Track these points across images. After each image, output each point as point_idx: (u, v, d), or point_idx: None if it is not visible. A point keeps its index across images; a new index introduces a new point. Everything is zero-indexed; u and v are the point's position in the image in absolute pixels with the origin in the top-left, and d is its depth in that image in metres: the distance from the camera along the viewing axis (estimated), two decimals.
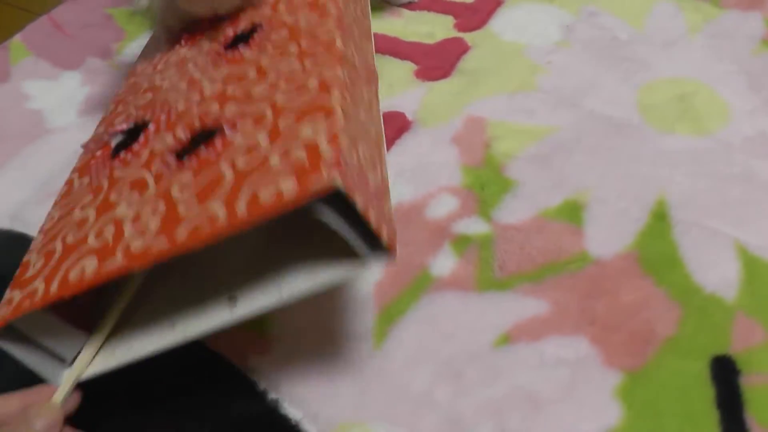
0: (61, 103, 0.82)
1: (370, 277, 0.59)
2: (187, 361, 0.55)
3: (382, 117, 0.53)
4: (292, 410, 0.52)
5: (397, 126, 0.73)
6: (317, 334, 0.56)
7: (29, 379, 0.46)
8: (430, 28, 0.87)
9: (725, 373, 0.52)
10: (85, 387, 0.47)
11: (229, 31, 0.60)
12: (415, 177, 0.67)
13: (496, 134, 0.71)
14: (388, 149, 0.70)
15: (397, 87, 0.78)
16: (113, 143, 0.54)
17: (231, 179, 0.40)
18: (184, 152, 0.47)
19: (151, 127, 0.52)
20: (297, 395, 0.53)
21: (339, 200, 0.36)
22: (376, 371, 0.53)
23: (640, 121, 0.72)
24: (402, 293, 0.58)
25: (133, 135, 0.54)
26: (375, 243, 0.39)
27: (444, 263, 0.60)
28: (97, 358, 0.48)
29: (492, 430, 0.50)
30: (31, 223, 0.68)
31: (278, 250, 0.43)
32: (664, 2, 0.90)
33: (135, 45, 0.89)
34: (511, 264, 0.59)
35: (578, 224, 0.62)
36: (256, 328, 0.56)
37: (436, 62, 0.81)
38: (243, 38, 0.56)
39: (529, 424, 0.50)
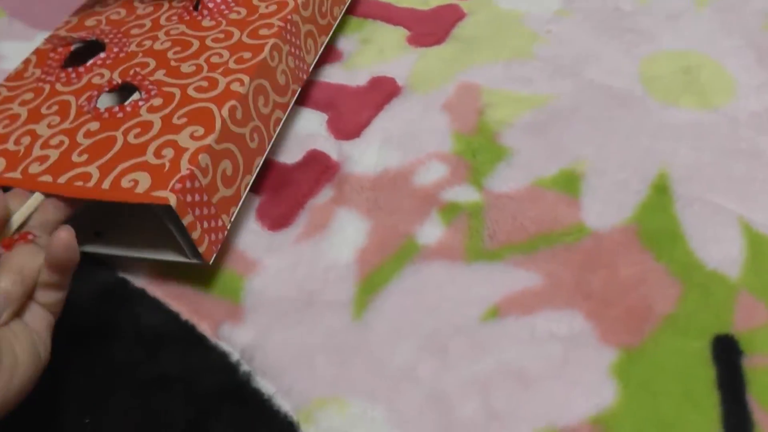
0: None
1: (352, 243, 0.56)
2: (156, 329, 0.52)
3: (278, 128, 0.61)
4: (264, 384, 0.49)
5: (387, 91, 0.69)
6: (294, 303, 0.52)
7: None
8: None
9: (727, 354, 0.49)
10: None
11: None
12: (403, 143, 0.64)
13: (490, 101, 0.67)
14: (375, 114, 0.67)
15: (389, 52, 0.74)
16: (72, 47, 0.64)
17: (117, 149, 0.50)
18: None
19: (102, 55, 0.61)
20: (271, 368, 0.49)
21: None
22: (355, 343, 0.50)
23: (642, 92, 0.68)
24: (386, 261, 0.54)
25: (90, 49, 0.63)
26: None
27: (431, 232, 0.56)
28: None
29: (477, 407, 0.47)
30: None
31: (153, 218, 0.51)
32: None
33: None
34: (502, 234, 0.56)
35: (575, 195, 0.59)
36: (230, 296, 0.53)
37: (429, 29, 0.78)
38: (209, 2, 0.65)
39: (517, 402, 0.47)
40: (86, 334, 0.52)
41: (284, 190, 0.60)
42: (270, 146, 0.58)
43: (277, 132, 0.59)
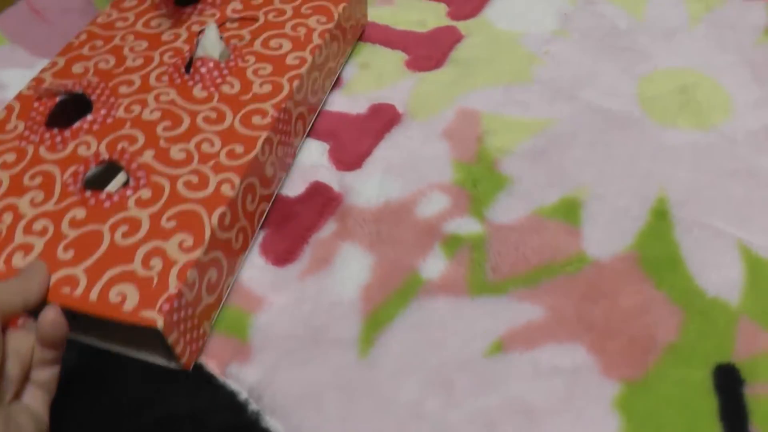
0: None
1: (356, 279, 0.56)
2: (164, 369, 0.52)
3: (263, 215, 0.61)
4: (273, 423, 0.49)
5: (387, 118, 0.69)
6: (301, 341, 0.53)
7: None
8: (421, 15, 0.84)
9: (729, 383, 0.50)
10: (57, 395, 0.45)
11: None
12: (404, 173, 0.64)
13: (489, 128, 0.68)
14: (376, 143, 0.67)
15: (387, 78, 0.75)
16: (58, 99, 0.62)
17: (105, 249, 0.50)
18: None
19: (89, 117, 0.60)
20: (279, 407, 0.50)
21: None
22: (363, 381, 0.50)
23: (640, 114, 0.69)
24: (390, 297, 0.55)
25: (76, 103, 0.62)
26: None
27: (434, 266, 0.57)
28: None
29: None
30: None
31: None
32: None
33: None
34: (505, 266, 0.57)
35: (575, 223, 0.59)
36: (236, 333, 0.54)
37: (427, 51, 0.78)
38: (201, 67, 0.63)
39: None
40: (93, 373, 0.53)
41: (288, 224, 0.60)
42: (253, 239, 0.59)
43: (260, 224, 0.59)
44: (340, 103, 0.72)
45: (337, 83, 0.74)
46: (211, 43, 0.64)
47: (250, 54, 0.65)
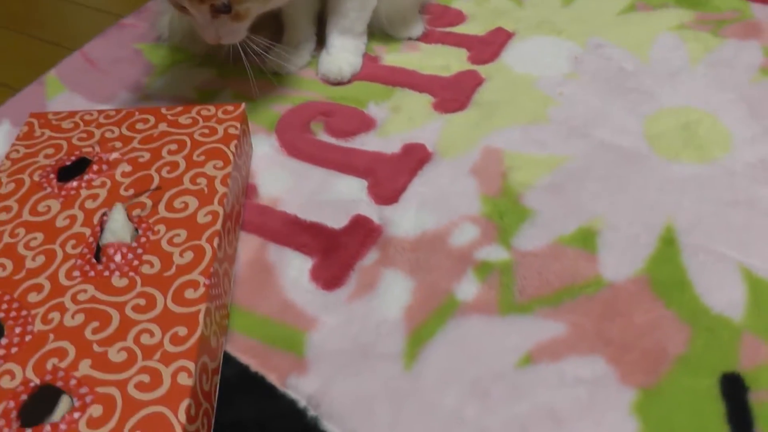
0: None
1: (399, 301, 0.63)
2: (230, 380, 0.59)
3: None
4: (331, 427, 0.56)
5: (419, 157, 0.77)
6: (351, 356, 0.59)
7: None
8: (445, 61, 0.92)
9: (734, 390, 0.56)
10: None
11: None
12: (438, 207, 0.71)
13: (512, 165, 0.75)
14: (410, 180, 0.74)
15: (417, 119, 0.82)
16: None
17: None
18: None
19: (3, 341, 0.53)
20: (335, 413, 0.56)
21: None
22: (408, 390, 0.57)
23: (647, 150, 0.76)
24: (430, 317, 0.62)
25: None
26: None
27: (468, 288, 0.64)
28: None
29: None
30: None
31: None
32: (666, 33, 0.95)
33: (163, 79, 0.93)
34: (531, 289, 0.63)
35: (592, 250, 0.66)
36: (293, 349, 0.60)
37: (452, 94, 0.86)
38: (114, 254, 0.59)
39: None
40: None
41: (334, 253, 0.67)
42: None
43: (216, 399, 0.56)
44: (375, 143, 0.79)
45: (371, 125, 0.82)
46: (120, 226, 0.60)
47: (157, 222, 0.61)
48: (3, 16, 1.14)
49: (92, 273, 0.57)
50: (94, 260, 0.58)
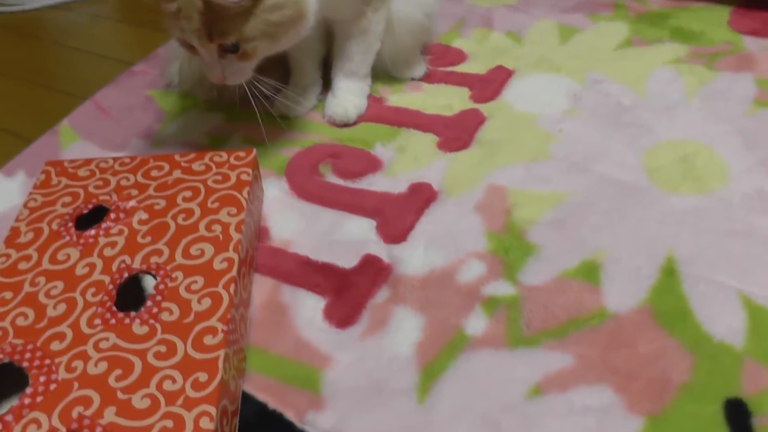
0: None
1: (410, 338, 0.65)
2: (248, 419, 0.61)
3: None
4: None
5: (425, 196, 0.79)
6: (366, 392, 0.61)
7: None
8: (447, 100, 0.95)
9: (738, 415, 0.58)
10: None
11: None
12: (445, 245, 0.74)
13: (515, 201, 0.78)
14: (417, 218, 0.77)
15: (423, 159, 0.85)
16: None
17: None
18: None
19: (29, 390, 0.54)
20: None
21: None
22: (422, 424, 0.59)
23: (647, 183, 0.79)
24: (441, 352, 0.64)
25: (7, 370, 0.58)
26: None
27: (477, 323, 0.66)
28: None
29: None
30: None
31: None
32: (661, 67, 0.98)
33: (174, 125, 0.96)
34: (537, 322, 0.66)
35: (596, 283, 0.68)
36: (310, 387, 0.62)
37: (456, 133, 0.88)
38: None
39: None
40: None
41: (346, 293, 0.70)
42: None
43: None
44: (382, 183, 0.82)
45: (378, 166, 0.84)
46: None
47: (175, 269, 0.63)
48: (14, 67, 1.17)
49: (113, 321, 0.59)
50: (113, 307, 0.60)
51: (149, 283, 0.56)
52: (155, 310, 0.60)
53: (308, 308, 0.69)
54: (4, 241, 0.68)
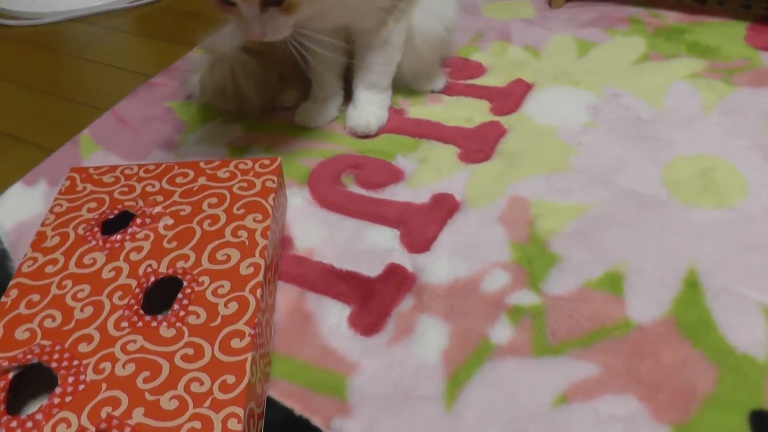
0: None
1: (436, 345, 0.66)
2: (276, 425, 0.61)
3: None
4: None
5: (447, 207, 0.80)
6: (393, 399, 0.62)
7: None
8: (468, 112, 0.96)
9: (764, 427, 0.58)
10: None
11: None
12: (468, 255, 0.74)
13: (538, 213, 0.79)
14: (440, 229, 0.77)
15: (444, 170, 0.86)
16: (11, 375, 0.57)
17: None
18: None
19: (58, 390, 0.55)
20: None
21: None
22: (450, 430, 0.59)
23: (667, 196, 0.79)
24: (467, 360, 0.64)
25: (33, 371, 0.59)
26: None
27: (502, 332, 0.67)
28: None
29: None
30: None
31: None
32: (679, 81, 0.99)
33: (194, 136, 0.97)
34: (562, 331, 0.66)
35: (619, 293, 0.69)
36: (336, 393, 0.63)
37: (477, 145, 0.89)
38: None
39: None
40: None
41: (371, 301, 0.70)
42: None
43: None
44: (404, 194, 0.83)
45: (400, 177, 0.85)
46: None
47: (201, 273, 0.64)
48: (32, 79, 1.18)
49: (140, 324, 0.60)
50: (141, 311, 0.61)
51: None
52: (182, 313, 0.61)
53: (333, 316, 0.70)
54: (31, 244, 0.69)
